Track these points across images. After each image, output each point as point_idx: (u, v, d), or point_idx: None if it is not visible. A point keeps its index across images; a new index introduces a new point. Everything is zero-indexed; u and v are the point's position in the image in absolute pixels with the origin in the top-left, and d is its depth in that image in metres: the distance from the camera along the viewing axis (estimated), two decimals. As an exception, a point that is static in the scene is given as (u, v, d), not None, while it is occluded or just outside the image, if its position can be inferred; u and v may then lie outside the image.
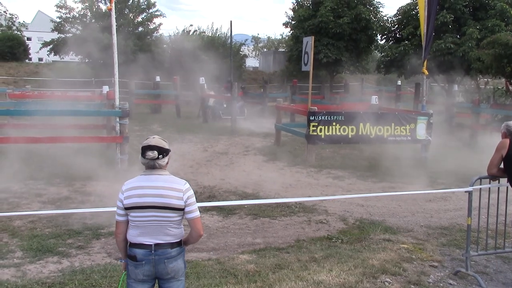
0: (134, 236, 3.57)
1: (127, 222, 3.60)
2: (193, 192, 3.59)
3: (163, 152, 3.56)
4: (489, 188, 6.15)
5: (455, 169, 12.01)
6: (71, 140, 11.93)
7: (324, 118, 12.60)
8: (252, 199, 8.79)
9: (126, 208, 3.54)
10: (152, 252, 3.52)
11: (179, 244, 3.62)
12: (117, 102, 11.14)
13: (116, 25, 11.21)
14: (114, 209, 3.65)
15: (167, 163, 3.62)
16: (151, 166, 3.55)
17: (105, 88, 16.21)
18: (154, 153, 3.51)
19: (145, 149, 3.52)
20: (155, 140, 3.58)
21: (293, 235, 7.13)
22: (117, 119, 11.14)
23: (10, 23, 40.42)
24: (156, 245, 3.53)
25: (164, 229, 3.53)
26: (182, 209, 3.52)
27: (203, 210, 8.01)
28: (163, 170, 3.59)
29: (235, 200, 8.76)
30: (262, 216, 7.96)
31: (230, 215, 8.01)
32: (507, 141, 5.67)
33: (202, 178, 10.56)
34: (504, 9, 20.12)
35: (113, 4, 10.95)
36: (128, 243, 3.63)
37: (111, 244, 6.48)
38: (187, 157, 12.83)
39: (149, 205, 3.48)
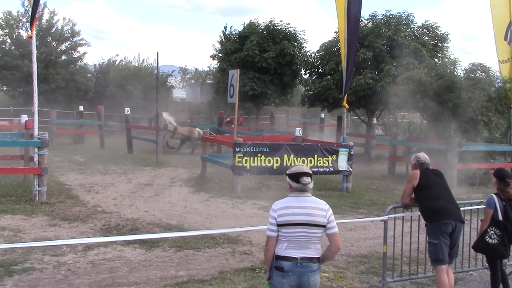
0: (283, 249, 4.10)
1: (277, 237, 4.12)
2: (332, 211, 4.19)
3: (311, 178, 4.19)
4: (403, 217, 6.49)
5: (374, 198, 12.54)
6: (-15, 172, 11.34)
7: (250, 149, 12.76)
8: (177, 231, 8.69)
9: (279, 225, 4.09)
10: (298, 264, 4.04)
11: (318, 260, 4.16)
12: (36, 132, 10.76)
13: (37, 53, 10.90)
14: (31, 244, 3.53)
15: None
16: (302, 189, 4.15)
17: (24, 117, 15.56)
18: (309, 179, 4.14)
19: (301, 175, 4.13)
20: (307, 167, 4.23)
21: (217, 266, 7.10)
22: (36, 150, 10.74)
23: None
24: (302, 258, 4.05)
25: (309, 244, 4.09)
26: (325, 226, 4.10)
27: (125, 243, 7.82)
28: (309, 193, 4.18)
29: (159, 232, 8.61)
30: (186, 248, 7.88)
31: (154, 247, 7.86)
32: (418, 172, 6.02)
33: (125, 211, 10.32)
34: (417, 48, 21.39)
35: (34, 32, 10.69)
36: (275, 256, 4.14)
37: (25, 281, 6.17)
38: (110, 189, 12.51)
39: (300, 222, 4.05)
